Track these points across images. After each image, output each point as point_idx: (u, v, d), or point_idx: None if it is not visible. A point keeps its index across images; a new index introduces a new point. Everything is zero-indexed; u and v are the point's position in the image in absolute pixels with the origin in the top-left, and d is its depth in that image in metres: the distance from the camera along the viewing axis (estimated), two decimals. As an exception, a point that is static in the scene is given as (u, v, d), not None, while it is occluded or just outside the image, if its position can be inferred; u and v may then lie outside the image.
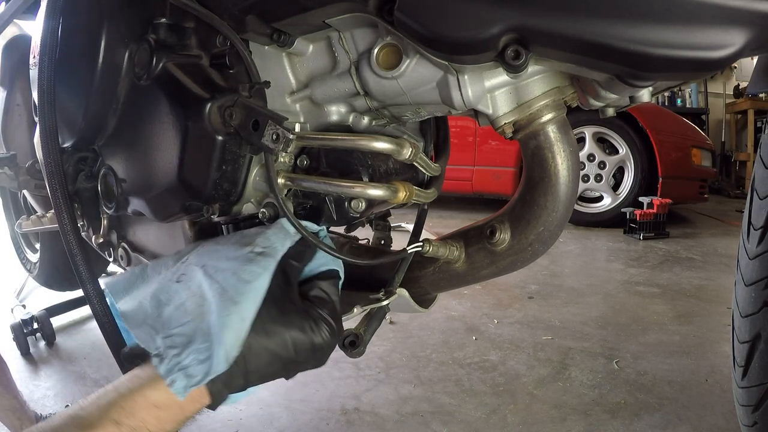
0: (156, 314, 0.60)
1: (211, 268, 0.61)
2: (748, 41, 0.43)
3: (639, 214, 3.54)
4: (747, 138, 6.91)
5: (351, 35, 0.67)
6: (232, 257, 0.61)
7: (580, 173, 1.54)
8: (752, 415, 0.95)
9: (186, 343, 0.56)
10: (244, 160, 0.72)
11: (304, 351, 0.60)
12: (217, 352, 0.55)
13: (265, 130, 0.66)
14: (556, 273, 2.73)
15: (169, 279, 0.62)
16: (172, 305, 0.59)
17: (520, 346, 1.80)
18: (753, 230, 0.93)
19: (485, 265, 0.70)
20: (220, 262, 0.61)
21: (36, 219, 1.51)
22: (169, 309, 0.59)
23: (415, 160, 0.65)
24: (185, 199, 0.74)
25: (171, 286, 0.61)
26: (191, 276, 0.61)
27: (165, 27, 0.75)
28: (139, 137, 0.79)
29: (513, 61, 0.51)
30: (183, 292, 0.60)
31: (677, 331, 1.93)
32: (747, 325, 0.93)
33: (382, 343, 1.80)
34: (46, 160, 0.69)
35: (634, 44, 0.44)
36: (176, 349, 0.56)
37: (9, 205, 2.31)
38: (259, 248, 0.62)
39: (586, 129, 3.83)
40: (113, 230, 1.09)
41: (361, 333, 0.68)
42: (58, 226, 0.69)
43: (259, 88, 0.71)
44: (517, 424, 1.32)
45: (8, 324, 1.85)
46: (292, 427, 1.32)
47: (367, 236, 0.91)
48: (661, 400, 1.43)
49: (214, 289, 0.58)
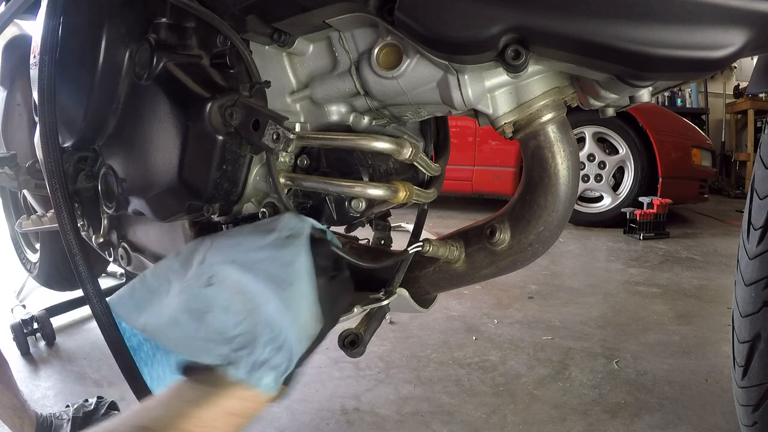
0: (198, 326, 0.56)
1: (243, 263, 0.57)
2: (748, 41, 0.43)
3: (639, 214, 3.54)
4: (747, 138, 6.91)
5: (351, 35, 0.67)
6: (261, 246, 0.58)
7: (580, 173, 1.54)
8: (752, 415, 0.95)
9: (252, 340, 0.54)
10: (244, 160, 0.72)
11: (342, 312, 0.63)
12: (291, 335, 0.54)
13: (265, 130, 0.66)
14: (556, 273, 2.73)
15: (195, 286, 0.58)
16: (215, 311, 0.56)
17: (520, 346, 1.80)
18: (753, 230, 0.93)
19: (485, 265, 0.70)
20: (251, 254, 0.58)
21: (36, 219, 1.51)
22: (213, 316, 0.56)
23: (415, 160, 0.65)
24: (186, 198, 0.74)
25: (203, 292, 0.57)
26: (224, 276, 0.57)
27: (165, 27, 0.75)
28: (140, 137, 0.79)
29: (513, 61, 0.51)
30: (222, 294, 0.56)
31: (677, 331, 1.93)
32: (747, 325, 0.93)
33: (382, 343, 1.80)
34: (46, 160, 0.69)
35: (634, 44, 0.44)
36: (246, 349, 0.53)
37: (9, 205, 2.31)
38: (285, 232, 0.59)
39: (586, 129, 3.83)
40: (113, 230, 1.09)
41: (361, 333, 0.68)
42: (58, 226, 0.68)
43: (260, 88, 0.71)
44: (517, 424, 1.32)
45: (8, 324, 1.85)
46: (292, 427, 1.32)
47: (367, 236, 0.91)
48: (661, 400, 1.43)
49: (259, 279, 0.55)
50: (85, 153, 0.94)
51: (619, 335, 1.89)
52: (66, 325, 2.04)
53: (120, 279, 2.45)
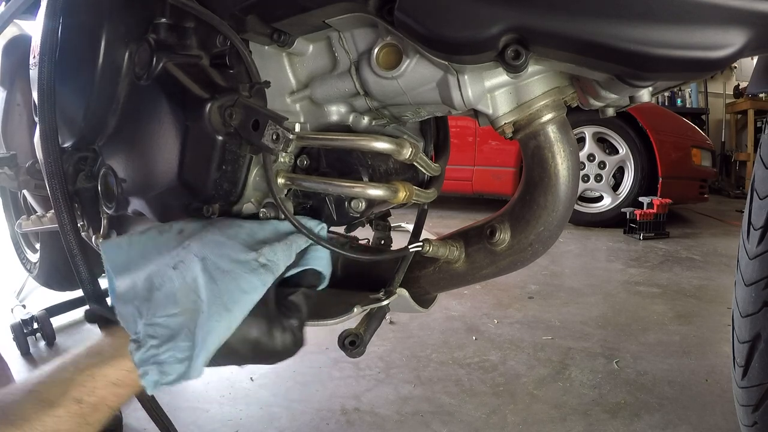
0: (145, 297, 0.59)
1: (211, 265, 0.59)
2: (748, 41, 0.43)
3: (639, 214, 3.54)
4: (747, 138, 6.91)
5: (351, 35, 0.67)
6: (235, 260, 0.59)
7: (580, 173, 1.54)
8: (752, 415, 0.95)
9: (168, 337, 0.56)
10: (244, 160, 0.72)
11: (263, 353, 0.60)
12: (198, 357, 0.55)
13: (265, 130, 0.66)
14: (556, 273, 2.73)
15: (166, 263, 0.61)
16: (162, 291, 0.58)
17: (520, 346, 1.80)
18: (753, 230, 0.93)
19: (485, 265, 0.70)
20: (222, 261, 0.59)
21: (36, 219, 1.51)
22: (159, 294, 0.58)
23: (415, 160, 0.65)
24: (185, 199, 0.74)
25: (167, 271, 0.60)
26: (189, 266, 0.59)
27: (165, 27, 0.75)
28: (140, 137, 0.79)
29: (513, 61, 0.51)
30: (176, 281, 0.58)
31: (677, 331, 1.93)
32: (747, 325, 0.93)
33: (382, 343, 1.80)
34: (46, 160, 0.69)
35: (634, 44, 0.44)
36: (156, 340, 0.55)
37: (9, 205, 2.31)
38: (263, 259, 0.60)
39: (586, 129, 3.83)
40: (113, 230, 1.09)
41: (361, 333, 0.68)
42: (58, 226, 0.68)
43: (259, 88, 0.71)
44: (517, 424, 1.32)
45: (8, 324, 1.85)
46: (292, 427, 1.31)
47: (367, 236, 0.91)
48: (661, 400, 1.43)
49: (210, 289, 0.57)
50: (85, 153, 0.94)
51: (619, 335, 1.89)
52: (66, 325, 2.04)
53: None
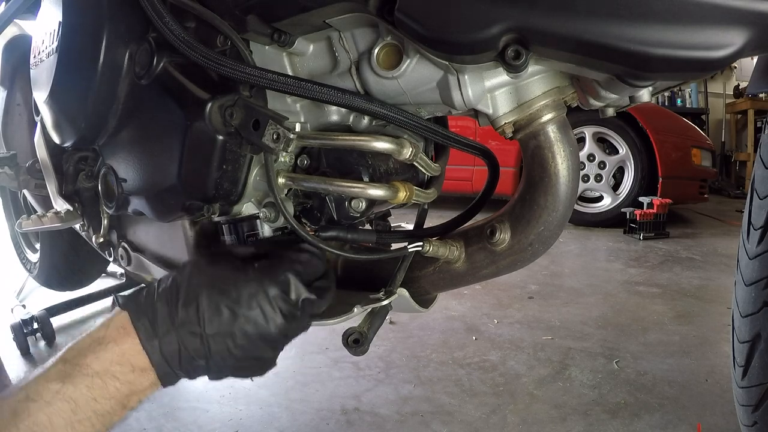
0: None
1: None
2: (748, 41, 0.43)
3: (639, 214, 3.54)
4: (747, 138, 6.91)
5: (351, 35, 0.67)
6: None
7: (580, 173, 1.54)
8: (752, 415, 0.95)
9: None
10: (244, 160, 0.72)
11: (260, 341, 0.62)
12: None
13: (265, 130, 0.66)
14: (556, 273, 2.73)
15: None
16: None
17: (520, 346, 1.80)
18: (753, 230, 0.93)
19: (485, 264, 0.70)
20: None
21: (36, 219, 1.51)
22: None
23: (415, 160, 0.65)
24: (186, 198, 0.74)
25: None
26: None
27: (165, 27, 0.75)
28: (140, 137, 0.79)
29: (513, 61, 0.51)
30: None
31: (677, 331, 1.93)
32: (747, 325, 0.93)
33: (382, 343, 1.80)
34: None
35: (634, 44, 0.44)
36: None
37: (9, 205, 2.31)
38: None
39: (586, 129, 3.83)
40: (113, 230, 1.09)
41: (365, 331, 0.68)
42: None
43: (260, 88, 0.71)
44: (517, 424, 1.32)
45: (8, 324, 1.85)
46: (292, 427, 1.32)
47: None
48: (661, 400, 1.43)
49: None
50: (85, 153, 0.94)
51: (619, 335, 1.89)
52: (66, 325, 2.04)
53: (120, 279, 2.45)
